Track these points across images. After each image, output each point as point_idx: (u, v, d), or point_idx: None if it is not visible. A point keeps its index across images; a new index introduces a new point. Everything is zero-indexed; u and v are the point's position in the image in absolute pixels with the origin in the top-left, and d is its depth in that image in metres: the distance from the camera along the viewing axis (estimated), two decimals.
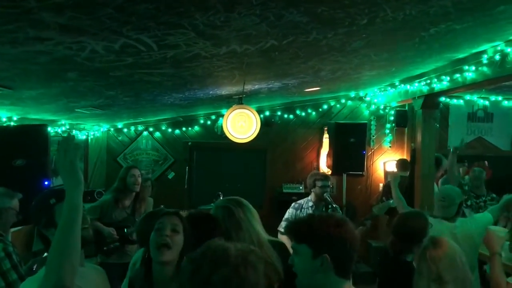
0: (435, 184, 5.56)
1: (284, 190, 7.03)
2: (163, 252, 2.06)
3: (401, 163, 6.51)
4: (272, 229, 6.24)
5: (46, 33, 1.96)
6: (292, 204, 4.95)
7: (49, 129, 4.71)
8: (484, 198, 5.52)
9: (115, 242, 4.25)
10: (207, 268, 1.25)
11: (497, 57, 3.80)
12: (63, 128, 5.63)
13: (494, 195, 4.90)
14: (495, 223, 4.88)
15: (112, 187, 4.58)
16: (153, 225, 2.51)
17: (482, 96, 7.34)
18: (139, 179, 4.52)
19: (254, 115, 4.72)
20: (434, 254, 2.24)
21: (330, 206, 4.61)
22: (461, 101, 7.42)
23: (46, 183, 4.00)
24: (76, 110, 4.65)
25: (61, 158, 1.66)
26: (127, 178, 4.44)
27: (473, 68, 4.21)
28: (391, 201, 5.68)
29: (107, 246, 4.21)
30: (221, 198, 5.44)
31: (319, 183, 4.77)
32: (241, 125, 4.63)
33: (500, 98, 7.36)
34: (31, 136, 4.06)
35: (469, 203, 5.44)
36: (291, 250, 2.12)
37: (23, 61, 2.46)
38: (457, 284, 2.17)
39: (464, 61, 4.32)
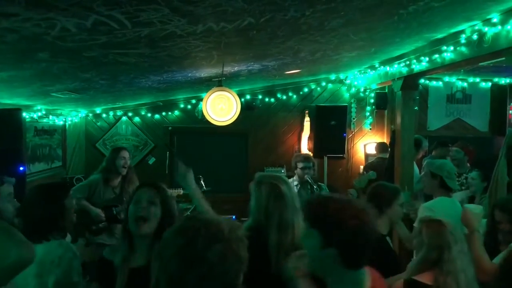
0: (415, 165, 5.61)
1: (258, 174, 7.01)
2: (140, 224, 2.12)
3: (380, 146, 6.58)
4: None
5: (11, 8, 1.88)
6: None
7: (24, 114, 4.61)
8: (465, 175, 5.58)
9: (103, 222, 4.31)
10: (201, 243, 1.20)
11: (475, 36, 3.81)
12: (39, 114, 5.51)
13: (474, 171, 4.95)
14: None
15: (100, 167, 4.67)
16: None
17: (460, 77, 7.41)
18: (128, 162, 4.66)
19: (234, 97, 4.68)
20: (451, 227, 2.30)
21: (314, 187, 4.62)
22: (440, 83, 7.48)
23: (21, 168, 3.92)
24: (52, 94, 4.53)
25: None
26: (116, 160, 4.54)
27: (452, 48, 4.21)
28: (371, 173, 5.75)
29: (96, 225, 4.28)
30: (202, 182, 5.43)
31: (300, 165, 4.79)
32: (221, 107, 4.58)
33: (478, 79, 7.44)
34: (4, 121, 3.96)
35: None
36: None
37: None
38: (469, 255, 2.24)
39: (442, 41, 4.32)
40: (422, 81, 7.04)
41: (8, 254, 1.55)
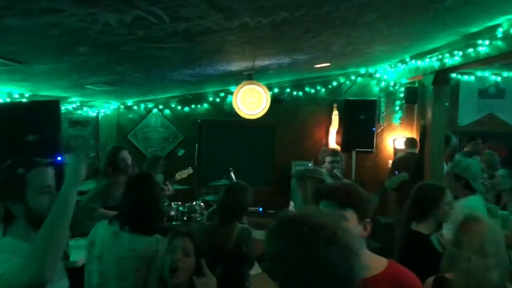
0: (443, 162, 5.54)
1: (294, 167, 7.04)
2: (174, 276, 2.17)
3: (409, 142, 6.51)
4: (281, 205, 6.29)
5: (59, 4, 1.95)
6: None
7: (60, 105, 4.75)
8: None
9: None
10: (323, 251, 1.16)
11: None
12: (74, 105, 5.66)
13: (503, 169, 4.87)
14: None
15: (101, 171, 4.50)
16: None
17: (494, 72, 7.24)
18: (129, 161, 4.46)
19: (264, 91, 4.71)
20: (477, 228, 2.23)
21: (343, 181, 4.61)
22: (472, 77, 7.32)
23: (59, 158, 4.04)
24: (86, 86, 4.65)
25: (70, 157, 1.69)
26: (119, 163, 4.37)
27: (487, 42, 4.13)
28: (403, 175, 5.70)
29: None
30: (232, 174, 5.50)
31: (328, 159, 4.79)
32: (251, 101, 4.62)
33: None
34: (43, 112, 4.08)
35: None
36: None
37: (34, 34, 2.45)
38: (497, 258, 2.16)
39: (477, 35, 4.24)
40: (453, 75, 6.91)
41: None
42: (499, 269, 2.14)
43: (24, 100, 4.39)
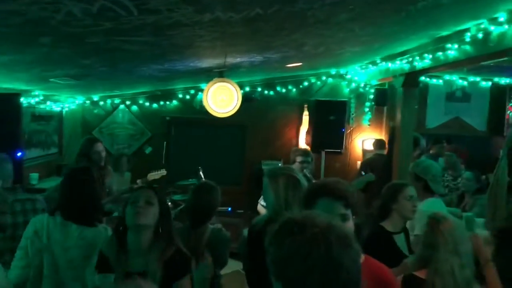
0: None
1: (263, 167, 6.99)
2: (138, 217, 2.13)
3: (377, 143, 6.57)
4: (251, 205, 6.25)
5: None
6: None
7: (22, 99, 4.55)
8: (460, 179, 5.61)
9: None
10: (336, 252, 1.11)
11: (480, 35, 3.78)
12: (37, 99, 5.44)
13: (468, 172, 4.99)
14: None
15: (73, 162, 4.39)
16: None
17: (461, 76, 7.40)
18: (103, 153, 4.35)
19: (236, 89, 4.64)
20: (447, 227, 2.26)
21: (313, 181, 4.59)
22: (440, 81, 7.47)
23: (18, 154, 3.88)
24: (50, 80, 4.47)
25: None
26: (92, 155, 4.22)
27: (456, 46, 4.18)
28: (369, 175, 5.74)
29: None
30: (201, 173, 5.40)
31: (298, 159, 4.77)
32: (222, 98, 4.55)
33: (478, 79, 7.44)
34: (2, 106, 3.91)
35: (445, 184, 5.55)
36: None
37: None
38: (468, 257, 2.22)
39: (447, 39, 4.29)
40: (422, 78, 7.00)
41: None
42: (470, 266, 2.22)
43: None
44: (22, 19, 2.24)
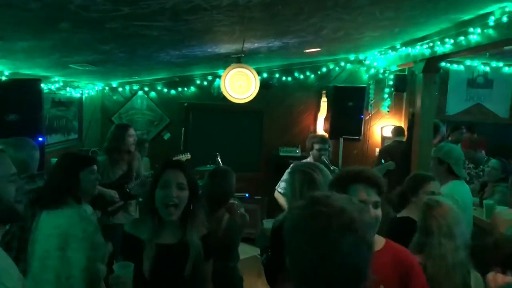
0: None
1: (281, 153, 6.99)
2: (171, 211, 2.13)
3: (396, 130, 6.50)
4: (268, 191, 6.26)
5: None
6: (291, 165, 4.93)
7: (42, 85, 4.61)
8: (482, 167, 5.52)
9: (118, 202, 4.26)
10: (334, 233, 1.13)
11: (505, 19, 3.68)
12: (57, 85, 5.50)
13: (495, 160, 4.89)
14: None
15: (106, 147, 4.47)
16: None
17: (483, 62, 7.23)
18: (135, 138, 4.52)
19: (254, 74, 4.62)
20: (441, 211, 2.32)
21: (331, 168, 4.57)
22: (461, 67, 7.31)
23: (40, 139, 3.93)
24: (70, 66, 4.51)
25: None
26: (126, 138, 4.35)
27: (479, 30, 4.08)
28: (390, 163, 5.69)
29: (111, 206, 4.23)
30: (218, 159, 5.42)
31: (316, 146, 4.75)
32: (239, 84, 4.53)
33: (501, 64, 7.26)
34: (24, 91, 3.97)
35: (467, 171, 5.49)
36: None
37: (13, 7, 2.33)
38: (462, 238, 2.27)
39: (469, 23, 4.19)
40: (442, 64, 6.86)
41: None
42: (464, 248, 2.28)
43: (3, 78, 4.23)
44: (40, 3, 2.26)
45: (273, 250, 2.69)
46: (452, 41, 4.57)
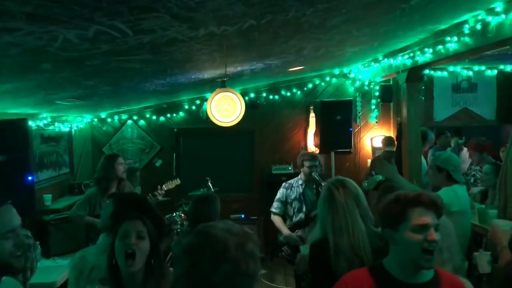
0: (422, 158, 5.58)
1: (273, 171, 7.01)
2: (130, 263, 2.02)
3: (386, 140, 6.56)
4: (264, 210, 6.26)
5: (13, 23, 1.88)
6: (283, 184, 4.97)
7: (30, 122, 4.62)
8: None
9: None
10: (207, 264, 1.14)
11: (479, 26, 3.77)
12: (45, 121, 5.52)
13: (488, 165, 4.96)
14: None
15: (96, 177, 4.56)
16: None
17: (465, 66, 7.34)
18: (125, 166, 4.66)
19: (238, 97, 4.64)
20: None
21: (322, 184, 4.60)
22: (445, 73, 7.42)
23: (29, 178, 3.93)
24: (56, 102, 4.54)
25: None
26: (115, 167, 4.47)
27: (455, 39, 4.17)
28: (380, 177, 5.70)
29: None
30: (209, 183, 5.44)
31: (306, 163, 4.78)
32: (225, 108, 4.55)
33: (483, 67, 7.37)
34: (11, 131, 3.97)
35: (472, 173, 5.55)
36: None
37: None
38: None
39: (446, 32, 4.28)
40: (426, 71, 6.96)
41: None
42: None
43: None
44: (20, 49, 2.29)
45: (313, 274, 2.66)
46: (431, 50, 4.66)
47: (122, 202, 2.34)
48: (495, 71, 7.44)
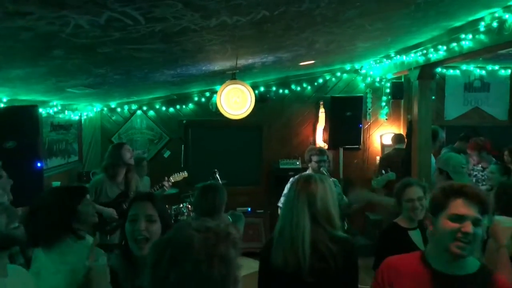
0: (432, 157, 5.53)
1: (281, 166, 7.00)
2: (142, 246, 1.99)
3: (396, 138, 6.50)
4: (270, 204, 6.25)
5: (26, 7, 1.87)
6: (291, 179, 4.93)
7: (40, 110, 4.64)
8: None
9: (116, 221, 4.29)
10: (166, 263, 1.10)
11: (495, 24, 3.71)
12: (55, 109, 5.54)
13: (493, 164, 4.89)
14: None
15: (103, 165, 4.59)
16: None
17: (478, 65, 7.25)
18: (132, 153, 4.65)
19: (248, 90, 4.64)
20: None
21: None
22: (457, 71, 7.34)
23: (38, 164, 3.95)
24: (67, 89, 4.55)
25: None
26: (123, 153, 4.47)
27: (470, 36, 4.12)
28: (390, 174, 5.67)
29: (109, 225, 4.26)
30: (217, 175, 5.43)
31: (315, 158, 4.76)
32: (235, 101, 4.55)
33: (497, 67, 7.28)
34: (21, 117, 3.98)
35: (474, 174, 5.48)
36: None
37: (5, 38, 2.37)
38: None
39: (460, 29, 4.22)
40: (438, 69, 6.91)
41: None
42: None
43: (1, 105, 4.28)
44: (32, 34, 2.29)
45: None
46: (445, 47, 4.60)
47: None
48: (509, 71, 7.34)
